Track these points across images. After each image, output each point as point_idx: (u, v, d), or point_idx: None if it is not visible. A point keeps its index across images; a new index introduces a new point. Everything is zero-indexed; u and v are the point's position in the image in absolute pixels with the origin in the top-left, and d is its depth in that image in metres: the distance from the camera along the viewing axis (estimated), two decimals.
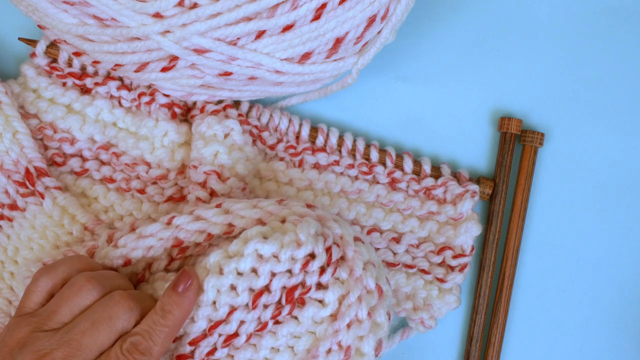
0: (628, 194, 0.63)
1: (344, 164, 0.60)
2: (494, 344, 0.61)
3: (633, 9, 0.63)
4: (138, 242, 0.52)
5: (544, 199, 0.63)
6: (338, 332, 0.50)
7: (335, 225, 0.52)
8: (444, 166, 0.61)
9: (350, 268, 0.51)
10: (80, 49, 0.56)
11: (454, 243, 0.60)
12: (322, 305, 0.51)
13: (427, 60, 0.63)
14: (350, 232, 0.52)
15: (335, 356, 0.50)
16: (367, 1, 0.52)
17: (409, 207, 0.60)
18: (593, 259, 0.63)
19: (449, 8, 0.63)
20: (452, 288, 0.60)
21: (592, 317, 0.63)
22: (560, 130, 0.63)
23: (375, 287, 0.51)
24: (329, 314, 0.51)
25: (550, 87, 0.63)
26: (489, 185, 0.61)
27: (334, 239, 0.51)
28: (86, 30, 0.53)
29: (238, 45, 0.53)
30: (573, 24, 0.63)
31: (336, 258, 0.51)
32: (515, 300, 0.63)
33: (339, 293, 0.50)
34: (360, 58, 0.56)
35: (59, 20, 0.54)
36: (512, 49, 0.63)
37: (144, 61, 0.54)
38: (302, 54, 0.53)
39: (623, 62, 0.63)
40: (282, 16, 0.51)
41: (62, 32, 0.54)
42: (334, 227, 0.52)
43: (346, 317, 0.50)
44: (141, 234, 0.52)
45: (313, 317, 0.51)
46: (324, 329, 0.51)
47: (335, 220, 0.53)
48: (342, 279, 0.51)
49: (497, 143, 0.63)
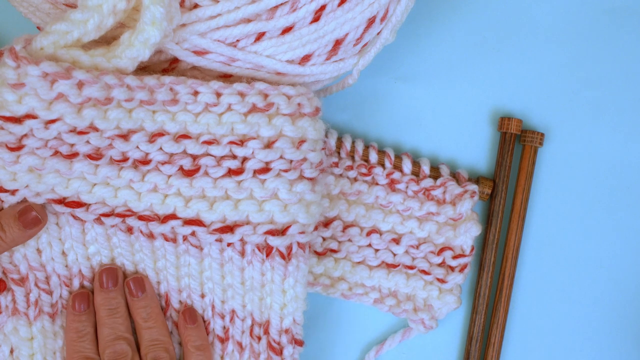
0: (628, 193, 0.63)
1: (343, 166, 0.61)
2: (494, 344, 0.61)
3: (633, 9, 0.63)
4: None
5: (544, 199, 0.63)
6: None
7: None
8: (443, 167, 0.61)
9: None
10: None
11: (453, 243, 0.60)
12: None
13: (427, 61, 0.63)
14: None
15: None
16: (366, 2, 0.52)
17: (408, 208, 0.61)
18: (593, 259, 0.63)
19: (448, 8, 0.63)
20: (452, 288, 0.60)
21: (592, 317, 0.63)
22: (560, 130, 0.63)
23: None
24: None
25: (550, 87, 0.63)
26: (488, 185, 0.61)
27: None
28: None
29: (238, 47, 0.53)
30: (573, 23, 0.63)
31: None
32: (515, 300, 0.63)
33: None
34: (360, 59, 0.56)
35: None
36: (512, 49, 0.63)
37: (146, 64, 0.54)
38: (302, 56, 0.53)
39: (623, 62, 0.63)
40: (282, 18, 0.51)
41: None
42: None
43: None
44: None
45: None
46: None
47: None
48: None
49: (497, 143, 0.63)
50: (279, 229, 0.53)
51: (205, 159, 0.53)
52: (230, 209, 0.53)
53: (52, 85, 0.49)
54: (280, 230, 0.53)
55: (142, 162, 0.52)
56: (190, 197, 0.53)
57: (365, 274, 0.61)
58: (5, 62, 0.49)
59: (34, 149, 0.50)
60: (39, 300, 0.55)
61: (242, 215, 0.53)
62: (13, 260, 0.54)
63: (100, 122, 0.51)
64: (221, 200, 0.53)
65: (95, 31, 0.49)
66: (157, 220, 0.53)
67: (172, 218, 0.53)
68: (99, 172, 0.52)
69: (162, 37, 0.49)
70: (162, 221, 0.53)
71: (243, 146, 0.53)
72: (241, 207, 0.53)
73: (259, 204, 0.53)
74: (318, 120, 0.54)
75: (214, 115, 0.52)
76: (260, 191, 0.53)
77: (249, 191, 0.53)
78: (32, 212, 0.52)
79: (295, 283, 0.55)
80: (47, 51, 0.49)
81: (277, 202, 0.53)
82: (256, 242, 0.54)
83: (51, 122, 0.50)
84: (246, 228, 0.53)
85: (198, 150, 0.52)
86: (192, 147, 0.52)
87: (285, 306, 0.56)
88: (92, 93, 0.49)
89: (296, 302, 0.56)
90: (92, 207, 0.52)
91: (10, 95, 0.49)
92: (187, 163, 0.52)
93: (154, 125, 0.52)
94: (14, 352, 0.55)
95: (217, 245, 0.55)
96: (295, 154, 0.53)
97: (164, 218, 0.53)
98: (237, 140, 0.53)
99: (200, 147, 0.52)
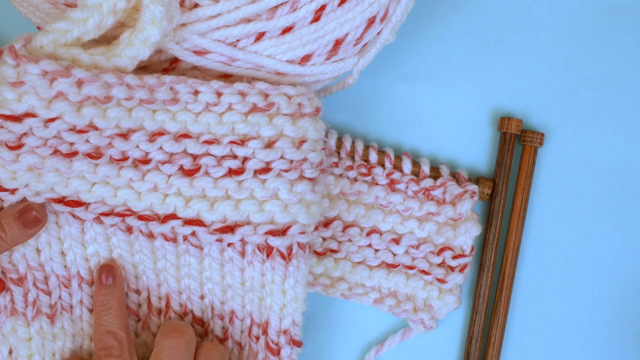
0: (628, 193, 0.63)
1: (343, 166, 0.61)
2: (494, 344, 0.61)
3: (633, 9, 0.63)
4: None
5: (544, 199, 0.63)
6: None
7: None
8: (442, 167, 0.61)
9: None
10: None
11: (453, 243, 0.60)
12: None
13: (427, 61, 0.63)
14: None
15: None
16: (366, 2, 0.52)
17: (408, 208, 0.61)
18: (593, 259, 0.63)
19: (448, 8, 0.63)
20: (452, 288, 0.60)
21: (592, 317, 0.63)
22: (560, 130, 0.63)
23: None
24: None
25: (550, 87, 0.63)
26: (488, 185, 0.61)
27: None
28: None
29: (238, 47, 0.53)
30: (573, 23, 0.63)
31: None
32: (515, 300, 0.63)
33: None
34: (360, 59, 0.56)
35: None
36: (512, 49, 0.63)
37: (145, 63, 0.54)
38: (302, 55, 0.53)
39: (623, 62, 0.63)
40: (282, 18, 0.51)
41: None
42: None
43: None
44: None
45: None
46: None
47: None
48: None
49: (497, 143, 0.63)
50: (280, 229, 0.53)
51: (205, 159, 0.52)
52: (231, 209, 0.53)
53: (51, 83, 0.49)
54: (281, 231, 0.53)
55: (142, 162, 0.52)
56: (191, 197, 0.53)
57: (365, 274, 0.61)
58: (5, 61, 0.49)
59: (34, 148, 0.50)
60: (37, 301, 0.55)
61: (242, 215, 0.53)
62: (12, 259, 0.54)
63: (100, 120, 0.51)
64: (222, 200, 0.53)
65: (95, 30, 0.49)
66: (157, 220, 0.53)
67: (172, 218, 0.53)
68: (99, 171, 0.52)
69: (161, 36, 0.49)
70: (162, 221, 0.53)
71: (244, 146, 0.53)
72: (242, 207, 0.53)
73: (260, 204, 0.53)
74: (318, 120, 0.54)
75: (214, 114, 0.52)
76: (260, 191, 0.53)
77: (250, 191, 0.53)
78: (32, 211, 0.52)
79: (295, 284, 0.55)
80: (46, 50, 0.49)
81: (277, 202, 0.53)
82: (257, 243, 0.54)
83: (51, 120, 0.50)
84: (247, 228, 0.53)
85: (198, 150, 0.52)
86: (193, 147, 0.52)
87: (285, 307, 0.56)
88: (92, 91, 0.49)
89: (296, 302, 0.55)
90: (92, 206, 0.52)
91: (10, 94, 0.49)
92: (188, 163, 0.52)
93: (154, 125, 0.52)
94: (13, 352, 0.55)
95: (217, 245, 0.55)
96: (296, 154, 0.53)
97: (164, 218, 0.53)
98: (238, 140, 0.53)
99: (201, 147, 0.52)
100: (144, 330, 0.57)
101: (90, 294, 0.56)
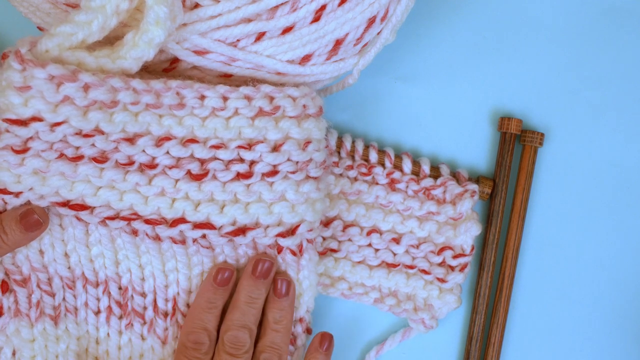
0: (628, 193, 0.63)
1: (343, 165, 0.61)
2: (494, 344, 0.61)
3: (633, 9, 0.63)
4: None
5: (544, 199, 0.63)
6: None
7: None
8: (442, 166, 0.61)
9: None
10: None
11: (453, 243, 0.60)
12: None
13: (427, 61, 0.63)
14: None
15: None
16: (366, 2, 0.52)
17: (408, 207, 0.61)
18: (593, 259, 0.63)
19: (449, 8, 0.63)
20: (452, 288, 0.60)
21: (592, 317, 0.63)
22: (560, 130, 0.63)
23: None
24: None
25: (550, 87, 0.63)
26: (488, 184, 0.61)
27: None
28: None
29: (238, 47, 0.53)
30: (573, 24, 0.63)
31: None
32: (515, 300, 0.63)
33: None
34: (360, 59, 0.56)
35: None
36: (512, 49, 0.63)
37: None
38: (303, 55, 0.53)
39: (623, 62, 0.63)
40: (282, 18, 0.51)
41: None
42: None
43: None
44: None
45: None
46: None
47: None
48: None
49: (497, 143, 0.63)
50: (289, 229, 0.54)
51: (213, 163, 0.53)
52: (241, 212, 0.53)
53: (58, 87, 0.49)
54: (290, 230, 0.54)
55: (148, 166, 0.52)
56: (199, 201, 0.53)
57: (365, 273, 0.61)
58: (11, 65, 0.49)
59: (39, 152, 0.50)
60: (40, 302, 0.55)
61: (252, 217, 0.53)
62: (15, 261, 0.54)
63: (106, 125, 0.51)
64: (231, 204, 0.53)
65: (99, 32, 0.49)
66: (164, 223, 0.53)
67: (181, 222, 0.53)
68: (104, 175, 0.52)
69: (166, 37, 0.49)
70: (171, 225, 0.53)
71: (251, 150, 0.53)
72: (251, 210, 0.53)
73: (268, 206, 0.53)
74: (321, 120, 0.55)
75: (221, 119, 0.53)
76: (268, 194, 0.53)
77: (258, 194, 0.53)
78: (34, 215, 0.52)
79: (309, 273, 0.56)
80: (52, 53, 0.49)
81: (285, 203, 0.53)
82: (267, 244, 0.54)
83: (57, 124, 0.50)
84: (257, 231, 0.53)
85: (206, 155, 0.53)
86: (200, 152, 0.52)
87: (301, 295, 0.57)
88: (98, 96, 0.50)
89: (311, 290, 0.57)
90: (97, 210, 0.52)
91: (16, 98, 0.49)
92: (195, 167, 0.52)
93: (161, 129, 0.52)
94: (16, 354, 0.55)
95: (230, 245, 0.55)
96: (302, 155, 0.53)
97: (173, 222, 0.53)
98: (245, 144, 0.53)
99: (208, 152, 0.52)
100: (150, 334, 0.57)
101: (97, 296, 0.56)
